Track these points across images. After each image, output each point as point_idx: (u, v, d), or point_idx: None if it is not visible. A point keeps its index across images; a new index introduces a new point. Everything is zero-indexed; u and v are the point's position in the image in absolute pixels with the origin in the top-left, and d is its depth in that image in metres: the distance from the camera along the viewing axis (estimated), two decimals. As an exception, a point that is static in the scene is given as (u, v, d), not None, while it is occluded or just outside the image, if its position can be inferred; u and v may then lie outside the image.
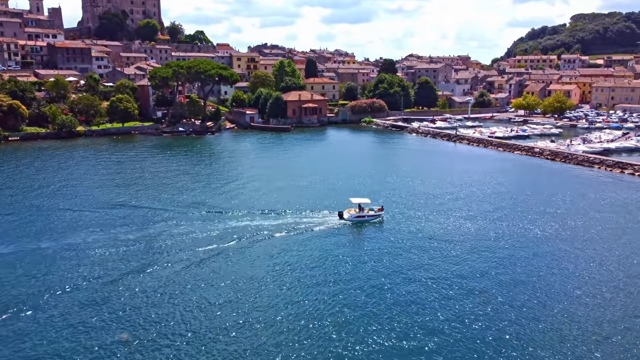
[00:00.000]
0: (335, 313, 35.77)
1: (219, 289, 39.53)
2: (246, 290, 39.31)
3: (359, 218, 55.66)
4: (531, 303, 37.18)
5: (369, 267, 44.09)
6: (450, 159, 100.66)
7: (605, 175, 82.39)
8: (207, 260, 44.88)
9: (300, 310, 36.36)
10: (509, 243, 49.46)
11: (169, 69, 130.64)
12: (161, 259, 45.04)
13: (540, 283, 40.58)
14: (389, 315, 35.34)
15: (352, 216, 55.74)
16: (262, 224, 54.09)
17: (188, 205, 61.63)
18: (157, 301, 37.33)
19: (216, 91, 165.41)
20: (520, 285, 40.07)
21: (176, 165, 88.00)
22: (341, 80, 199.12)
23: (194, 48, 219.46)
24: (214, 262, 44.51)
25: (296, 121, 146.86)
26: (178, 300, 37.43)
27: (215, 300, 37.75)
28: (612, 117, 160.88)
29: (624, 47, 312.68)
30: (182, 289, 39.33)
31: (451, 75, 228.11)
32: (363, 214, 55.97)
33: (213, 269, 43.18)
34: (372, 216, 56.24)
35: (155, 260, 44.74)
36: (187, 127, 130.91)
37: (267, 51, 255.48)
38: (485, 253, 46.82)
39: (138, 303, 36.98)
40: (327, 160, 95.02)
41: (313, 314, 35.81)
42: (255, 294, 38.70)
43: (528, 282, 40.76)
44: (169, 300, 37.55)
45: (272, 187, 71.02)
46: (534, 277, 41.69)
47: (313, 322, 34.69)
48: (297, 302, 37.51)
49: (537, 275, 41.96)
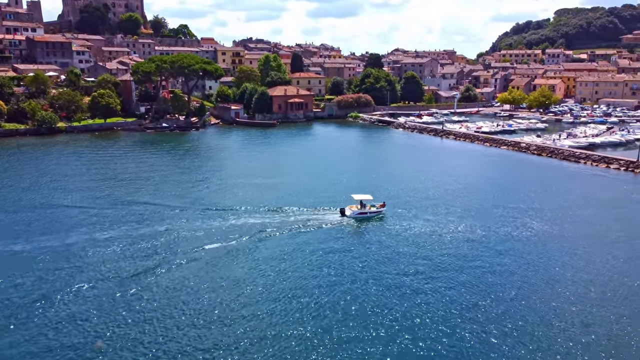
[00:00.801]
0: (342, 310, 35.04)
1: (221, 290, 38.51)
2: (250, 288, 38.52)
3: (361, 215, 55.07)
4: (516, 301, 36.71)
5: (373, 264, 43.59)
6: (437, 154, 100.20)
7: (592, 170, 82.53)
8: (203, 260, 43.70)
9: (303, 309, 35.73)
10: (497, 240, 48.96)
11: (152, 64, 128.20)
12: (150, 259, 43.64)
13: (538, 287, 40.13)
14: (394, 315, 34.56)
15: (354, 213, 55.13)
16: (257, 222, 53.08)
17: (175, 203, 60.10)
18: (152, 304, 36.04)
19: (200, 86, 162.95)
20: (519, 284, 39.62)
21: (160, 162, 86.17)
22: (327, 75, 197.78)
23: (178, 42, 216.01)
24: (212, 263, 43.38)
25: (282, 116, 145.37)
26: (164, 303, 36.22)
27: (218, 302, 36.78)
28: (596, 112, 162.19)
29: (606, 42, 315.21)
30: (172, 290, 38.07)
31: (437, 69, 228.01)
32: (365, 210, 55.46)
33: (210, 270, 42.10)
34: (374, 213, 55.71)
35: (143, 261, 43.33)
36: (171, 122, 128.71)
37: (252, 45, 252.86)
38: (483, 249, 46.29)
39: (124, 307, 35.64)
40: (315, 157, 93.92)
41: (319, 312, 35.35)
42: (259, 292, 37.99)
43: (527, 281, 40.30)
44: (158, 302, 36.29)
45: (261, 184, 69.79)
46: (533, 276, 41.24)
47: (318, 320, 34.18)
48: (300, 300, 36.97)
49: (533, 276, 41.50)
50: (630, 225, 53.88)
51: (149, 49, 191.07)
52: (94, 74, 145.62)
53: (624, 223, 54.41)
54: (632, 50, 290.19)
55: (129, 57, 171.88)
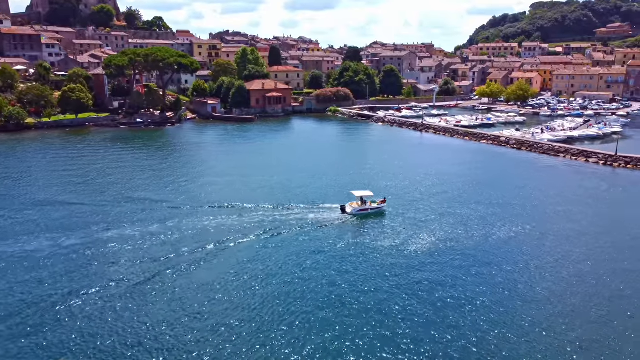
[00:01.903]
0: (347, 308, 33.51)
1: (219, 292, 36.87)
2: (253, 286, 37.20)
3: (362, 211, 54.31)
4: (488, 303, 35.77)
5: (375, 261, 42.76)
6: (418, 149, 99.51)
7: (571, 164, 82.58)
8: (197, 261, 41.71)
9: (307, 307, 35.02)
10: (487, 238, 48.08)
11: (125, 57, 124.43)
12: (125, 265, 41.47)
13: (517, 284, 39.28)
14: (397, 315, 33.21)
15: (355, 210, 54.35)
16: (253, 221, 51.67)
17: (151, 202, 57.73)
18: (140, 310, 34.01)
19: (176, 80, 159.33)
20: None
21: (134, 160, 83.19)
22: (306, 68, 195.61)
23: (153, 35, 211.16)
24: (206, 264, 41.49)
25: (260, 111, 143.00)
26: (150, 308, 34.22)
27: (214, 303, 35.20)
28: (573, 105, 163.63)
29: (581, 36, 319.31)
30: (156, 296, 36.06)
31: (416, 63, 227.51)
32: (366, 207, 54.79)
33: (206, 271, 40.44)
34: (375, 209, 55.04)
35: (116, 267, 41.14)
36: (146, 118, 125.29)
37: (229, 38, 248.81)
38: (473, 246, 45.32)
39: (102, 314, 33.53)
40: (295, 153, 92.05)
41: (322, 311, 34.58)
42: (263, 290, 36.62)
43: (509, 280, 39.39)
44: (140, 308, 34.29)
45: (246, 181, 67.79)
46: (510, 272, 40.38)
47: (322, 319, 33.34)
48: (303, 299, 36.10)
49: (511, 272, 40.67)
50: (611, 220, 53.55)
51: (123, 42, 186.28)
52: (65, 68, 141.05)
53: (604, 218, 54.09)
54: (605, 43, 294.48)
55: (102, 51, 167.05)
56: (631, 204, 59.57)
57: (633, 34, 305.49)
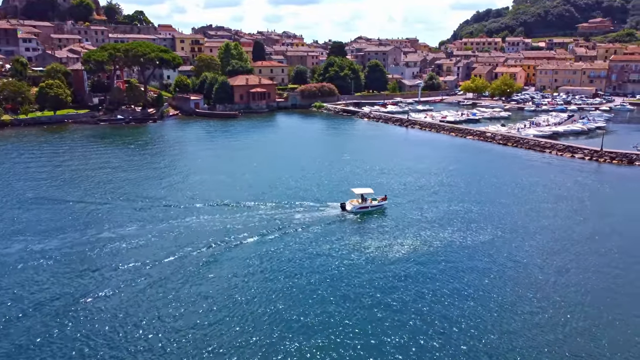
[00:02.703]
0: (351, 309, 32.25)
1: (216, 293, 35.66)
2: (249, 286, 35.93)
3: (362, 209, 53.51)
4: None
5: (377, 260, 42.01)
6: (404, 145, 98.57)
7: (557, 159, 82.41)
8: (188, 262, 40.17)
9: (309, 307, 34.41)
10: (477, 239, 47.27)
11: (104, 52, 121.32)
12: (107, 267, 39.74)
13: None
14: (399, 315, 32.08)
15: (355, 207, 53.57)
16: (246, 220, 50.58)
17: (133, 202, 55.87)
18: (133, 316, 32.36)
19: (158, 76, 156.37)
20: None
21: (115, 158, 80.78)
22: (290, 63, 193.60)
23: (134, 29, 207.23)
24: (200, 265, 40.17)
25: (244, 107, 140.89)
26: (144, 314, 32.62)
27: (211, 304, 34.00)
28: (557, 100, 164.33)
29: (563, 31, 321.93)
30: (148, 301, 34.45)
31: (400, 58, 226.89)
32: (366, 204, 54.05)
33: (201, 271, 39.14)
34: (376, 206, 54.33)
35: (96, 273, 39.40)
36: (127, 114, 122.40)
37: (212, 33, 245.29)
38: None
39: (98, 321, 31.87)
40: (281, 150, 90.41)
41: (324, 311, 33.84)
42: (264, 288, 35.38)
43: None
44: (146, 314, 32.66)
45: (234, 179, 66.16)
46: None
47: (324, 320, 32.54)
48: (300, 299, 35.23)
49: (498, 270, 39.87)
50: (600, 217, 53.17)
51: (102, 37, 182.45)
52: (42, 63, 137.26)
53: (593, 216, 53.68)
54: (587, 38, 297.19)
55: (81, 45, 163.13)
56: (619, 200, 59.28)
57: (614, 29, 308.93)
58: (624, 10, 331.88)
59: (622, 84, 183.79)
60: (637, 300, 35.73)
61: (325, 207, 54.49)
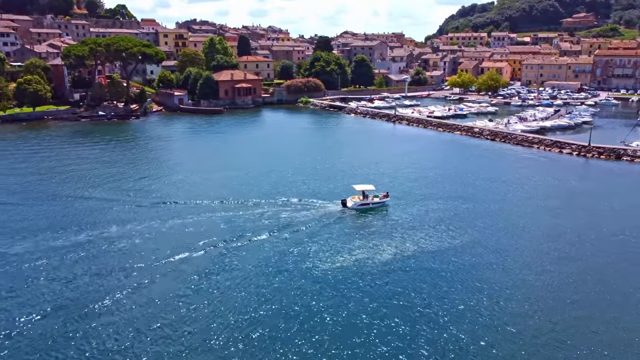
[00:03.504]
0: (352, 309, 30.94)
1: (212, 294, 34.15)
2: (245, 286, 34.74)
3: (364, 206, 52.60)
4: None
5: (377, 258, 41.11)
6: (392, 141, 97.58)
7: (545, 155, 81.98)
8: (177, 263, 38.56)
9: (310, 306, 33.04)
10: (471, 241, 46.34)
11: (85, 47, 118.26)
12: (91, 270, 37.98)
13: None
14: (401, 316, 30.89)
15: (356, 204, 52.68)
16: (255, 216, 49.96)
17: (116, 201, 53.97)
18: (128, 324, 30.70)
19: (141, 71, 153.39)
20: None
21: (96, 155, 78.38)
22: (276, 58, 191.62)
23: (116, 24, 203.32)
24: (192, 266, 38.54)
25: (229, 102, 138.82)
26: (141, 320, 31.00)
27: (209, 308, 32.62)
28: (542, 94, 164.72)
29: (548, 26, 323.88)
30: (144, 301, 32.82)
31: (387, 53, 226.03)
32: (367, 201, 53.18)
33: (193, 272, 37.62)
34: (377, 203, 53.47)
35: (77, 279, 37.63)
36: (109, 110, 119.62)
37: (196, 27, 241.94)
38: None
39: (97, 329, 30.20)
40: (267, 147, 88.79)
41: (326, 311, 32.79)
42: (256, 290, 33.82)
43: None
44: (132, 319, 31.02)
45: (222, 177, 64.42)
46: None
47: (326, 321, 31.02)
48: (296, 300, 33.66)
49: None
50: (589, 214, 52.62)
51: (83, 31, 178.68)
52: (21, 58, 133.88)
53: (584, 212, 53.11)
54: (572, 33, 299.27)
55: (61, 40, 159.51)
56: (607, 197, 58.81)
57: (598, 24, 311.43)
58: (607, 5, 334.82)
59: (606, 78, 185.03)
60: (623, 295, 35.08)
61: (325, 204, 53.55)
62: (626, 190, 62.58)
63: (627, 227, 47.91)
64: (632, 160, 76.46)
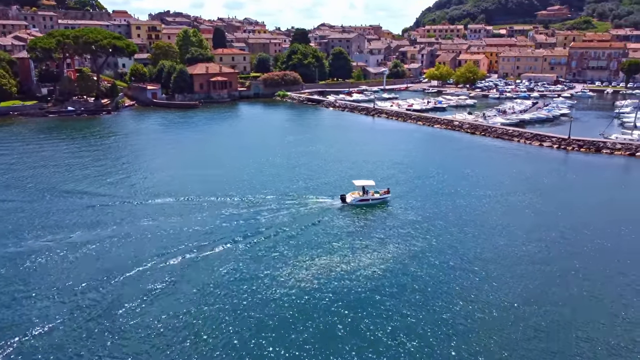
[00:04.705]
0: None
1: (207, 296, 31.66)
2: (240, 288, 32.01)
3: (363, 202, 51.47)
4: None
5: (377, 255, 39.90)
6: (372, 135, 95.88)
7: (526, 148, 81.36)
8: (166, 265, 35.89)
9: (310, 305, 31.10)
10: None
11: (52, 39, 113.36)
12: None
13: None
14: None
15: (356, 200, 51.60)
16: (250, 213, 48.48)
17: (91, 201, 51.03)
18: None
19: (112, 64, 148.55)
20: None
21: (64, 153, 74.72)
22: (252, 51, 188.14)
23: (86, 15, 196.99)
24: (182, 268, 35.72)
25: (204, 96, 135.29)
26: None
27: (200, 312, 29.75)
28: (520, 87, 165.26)
29: (523, 18, 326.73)
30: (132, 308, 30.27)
31: (364, 45, 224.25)
32: (367, 197, 51.92)
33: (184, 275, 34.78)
34: (377, 199, 52.12)
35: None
36: (78, 105, 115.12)
37: (170, 19, 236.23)
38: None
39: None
40: (245, 142, 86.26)
41: None
42: (252, 290, 31.38)
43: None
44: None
45: (205, 174, 61.75)
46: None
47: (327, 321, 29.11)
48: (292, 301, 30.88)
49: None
50: (571, 207, 51.79)
51: (52, 23, 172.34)
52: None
53: (567, 207, 52.23)
54: (546, 25, 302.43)
55: (27, 32, 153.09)
56: (590, 191, 58.23)
57: (571, 17, 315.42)
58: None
59: (581, 70, 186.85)
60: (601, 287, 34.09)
61: (325, 199, 52.73)
62: (608, 184, 62.10)
63: (609, 222, 47.14)
64: (612, 153, 76.34)
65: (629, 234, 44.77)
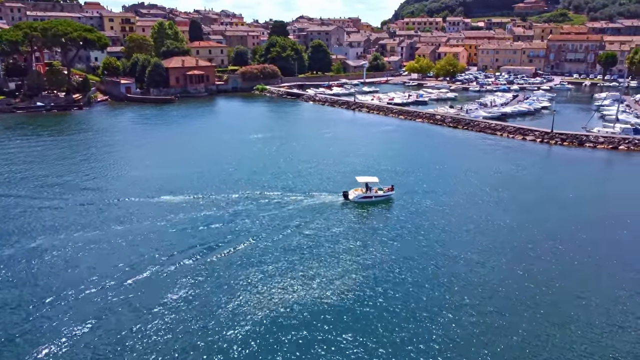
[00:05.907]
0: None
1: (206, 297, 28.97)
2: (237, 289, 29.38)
3: (366, 199, 50.36)
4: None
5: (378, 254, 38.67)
6: (354, 129, 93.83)
7: (509, 142, 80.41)
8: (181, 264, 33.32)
9: None
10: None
11: (18, 31, 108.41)
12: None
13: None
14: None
15: (358, 197, 50.44)
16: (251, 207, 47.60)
17: (61, 203, 47.94)
18: None
19: (85, 58, 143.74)
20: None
21: (32, 151, 71.06)
22: (229, 43, 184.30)
23: (56, 7, 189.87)
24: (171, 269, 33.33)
25: (180, 91, 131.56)
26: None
27: None
28: (500, 80, 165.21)
29: (501, 11, 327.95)
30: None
31: (344, 38, 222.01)
32: (370, 194, 50.79)
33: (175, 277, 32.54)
34: (381, 196, 50.78)
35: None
36: (48, 101, 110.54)
37: (144, 11, 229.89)
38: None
39: None
40: (224, 139, 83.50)
41: None
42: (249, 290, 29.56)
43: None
44: None
45: (188, 172, 58.98)
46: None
47: None
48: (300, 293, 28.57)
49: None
50: (558, 204, 50.76)
51: (19, 15, 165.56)
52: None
53: (553, 202, 51.18)
54: (524, 18, 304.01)
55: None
56: (572, 185, 57.36)
57: (548, 9, 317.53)
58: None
59: (559, 63, 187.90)
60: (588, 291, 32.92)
61: (323, 195, 51.68)
62: (592, 178, 61.53)
63: (597, 218, 46.21)
64: (595, 147, 75.90)
65: (614, 227, 44.15)
